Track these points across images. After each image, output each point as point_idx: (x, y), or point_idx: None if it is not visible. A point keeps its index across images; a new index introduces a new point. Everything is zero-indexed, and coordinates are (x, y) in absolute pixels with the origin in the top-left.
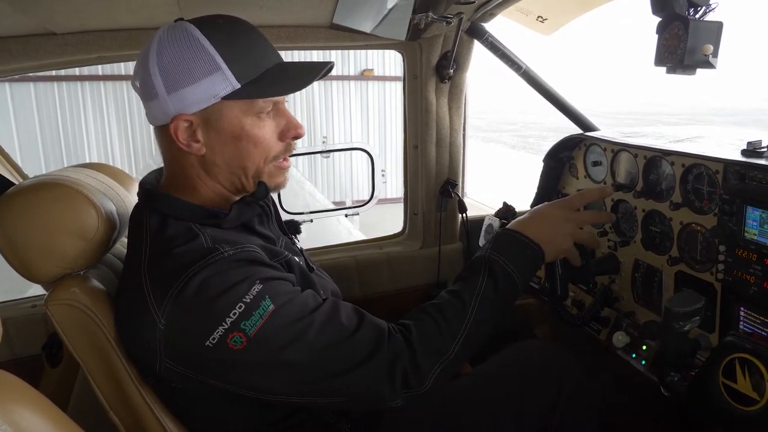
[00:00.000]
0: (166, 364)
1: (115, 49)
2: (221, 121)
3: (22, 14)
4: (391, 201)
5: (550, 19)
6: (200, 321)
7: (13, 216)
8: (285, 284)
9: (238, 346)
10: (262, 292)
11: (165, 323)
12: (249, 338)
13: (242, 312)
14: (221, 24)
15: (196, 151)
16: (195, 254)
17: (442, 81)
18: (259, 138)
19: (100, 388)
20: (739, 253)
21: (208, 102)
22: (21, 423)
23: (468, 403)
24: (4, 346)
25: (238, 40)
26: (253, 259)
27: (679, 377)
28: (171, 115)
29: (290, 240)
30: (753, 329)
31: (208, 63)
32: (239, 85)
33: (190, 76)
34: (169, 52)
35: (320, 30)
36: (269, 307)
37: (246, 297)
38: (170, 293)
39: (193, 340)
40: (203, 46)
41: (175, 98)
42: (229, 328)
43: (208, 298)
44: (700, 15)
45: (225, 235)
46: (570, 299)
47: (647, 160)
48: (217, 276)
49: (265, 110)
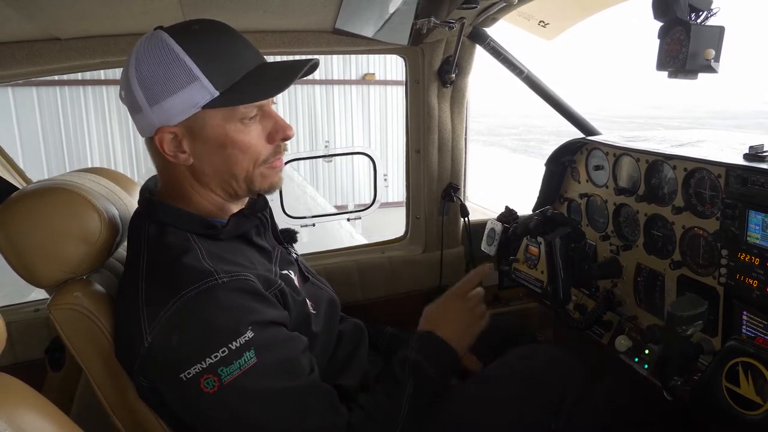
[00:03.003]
0: (140, 379)
1: (119, 54)
2: (205, 130)
3: (27, 20)
4: (393, 205)
5: (551, 24)
6: (182, 352)
7: (17, 220)
8: (277, 331)
9: (209, 389)
10: (250, 342)
11: (150, 341)
12: (221, 384)
13: (224, 357)
14: (196, 31)
15: (183, 162)
16: (191, 275)
17: (444, 85)
18: (245, 144)
19: (103, 392)
20: (742, 257)
21: (189, 112)
22: (25, 427)
23: (472, 406)
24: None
25: (214, 47)
26: (248, 290)
27: (682, 381)
28: (155, 128)
29: (286, 250)
30: (756, 333)
31: (184, 73)
32: (218, 93)
33: (168, 88)
34: (146, 64)
35: (323, 35)
36: (251, 359)
37: (232, 343)
38: (161, 314)
39: (170, 367)
40: (178, 57)
41: (157, 111)
42: (207, 368)
43: (196, 332)
44: (702, 20)
45: (222, 250)
46: (572, 303)
47: (649, 164)
48: (210, 309)
49: (248, 115)
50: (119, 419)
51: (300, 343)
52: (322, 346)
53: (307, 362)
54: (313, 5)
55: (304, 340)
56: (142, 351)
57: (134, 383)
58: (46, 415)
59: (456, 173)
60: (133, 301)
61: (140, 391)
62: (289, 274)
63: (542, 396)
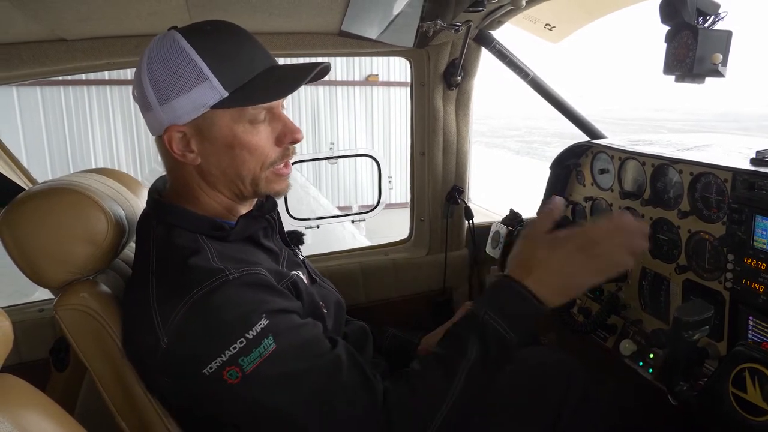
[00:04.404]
0: (165, 381)
1: (125, 55)
2: (213, 130)
3: (33, 21)
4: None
5: (558, 27)
6: (201, 348)
7: (24, 221)
8: (291, 318)
9: (233, 380)
10: (266, 329)
11: (167, 342)
12: (244, 374)
13: (243, 347)
14: (209, 31)
15: (191, 162)
16: (201, 273)
17: (450, 88)
18: (253, 145)
19: (108, 393)
20: (748, 261)
21: (198, 112)
22: (29, 427)
23: (475, 408)
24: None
25: (225, 47)
26: (260, 283)
27: (688, 386)
28: (164, 126)
29: (293, 252)
30: (762, 339)
31: (195, 73)
32: (227, 93)
33: (178, 87)
34: (158, 63)
35: (329, 37)
36: (270, 346)
37: (249, 333)
38: (175, 314)
39: (192, 365)
40: (189, 56)
41: (167, 109)
42: (228, 360)
43: (212, 326)
44: (710, 24)
45: (231, 250)
46: (576, 307)
47: (655, 168)
48: (223, 304)
49: (257, 116)
50: (124, 419)
51: (316, 327)
52: None
53: (326, 341)
54: (320, 7)
55: (320, 325)
56: (160, 352)
57: (146, 384)
58: (51, 415)
59: (461, 176)
60: (144, 302)
61: (156, 390)
62: (298, 274)
63: (546, 398)
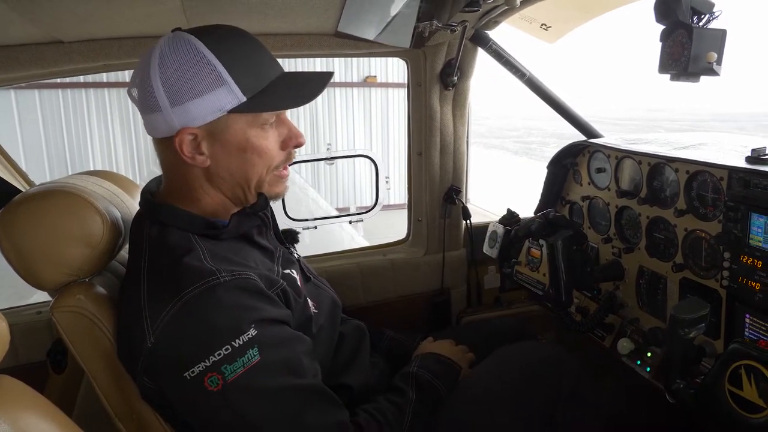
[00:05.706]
0: (144, 380)
1: (121, 57)
2: (227, 133)
3: (30, 23)
4: (394, 207)
5: (553, 27)
6: (185, 351)
7: (20, 223)
8: (279, 329)
9: (213, 387)
10: (253, 339)
11: (153, 342)
12: (225, 383)
13: (228, 354)
14: (224, 35)
15: (200, 164)
16: (192, 274)
17: (446, 88)
18: (263, 149)
19: (105, 395)
20: (744, 259)
21: (214, 116)
22: (27, 429)
23: (467, 402)
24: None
25: (241, 52)
26: (250, 288)
27: (685, 384)
28: (176, 129)
29: (287, 249)
30: (758, 336)
31: (213, 76)
32: (245, 98)
33: (195, 89)
34: (172, 65)
35: (325, 38)
36: (255, 357)
37: (236, 341)
38: (164, 314)
39: (175, 367)
40: (207, 59)
41: (180, 112)
42: (211, 366)
43: (199, 331)
44: (704, 23)
45: (223, 250)
46: (574, 306)
47: (651, 167)
48: (213, 308)
49: (269, 121)
50: (121, 421)
51: (303, 344)
52: (325, 346)
53: (310, 364)
54: (315, 8)
55: (308, 341)
56: (145, 351)
57: (137, 384)
58: (49, 417)
59: (458, 176)
60: (135, 301)
61: (143, 392)
62: (292, 273)
63: (539, 391)
